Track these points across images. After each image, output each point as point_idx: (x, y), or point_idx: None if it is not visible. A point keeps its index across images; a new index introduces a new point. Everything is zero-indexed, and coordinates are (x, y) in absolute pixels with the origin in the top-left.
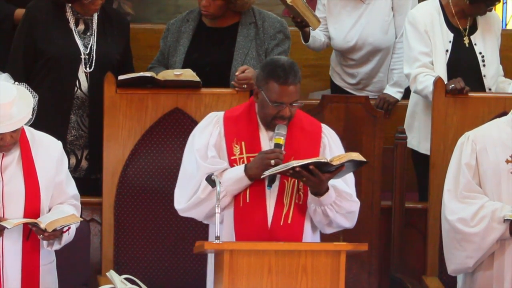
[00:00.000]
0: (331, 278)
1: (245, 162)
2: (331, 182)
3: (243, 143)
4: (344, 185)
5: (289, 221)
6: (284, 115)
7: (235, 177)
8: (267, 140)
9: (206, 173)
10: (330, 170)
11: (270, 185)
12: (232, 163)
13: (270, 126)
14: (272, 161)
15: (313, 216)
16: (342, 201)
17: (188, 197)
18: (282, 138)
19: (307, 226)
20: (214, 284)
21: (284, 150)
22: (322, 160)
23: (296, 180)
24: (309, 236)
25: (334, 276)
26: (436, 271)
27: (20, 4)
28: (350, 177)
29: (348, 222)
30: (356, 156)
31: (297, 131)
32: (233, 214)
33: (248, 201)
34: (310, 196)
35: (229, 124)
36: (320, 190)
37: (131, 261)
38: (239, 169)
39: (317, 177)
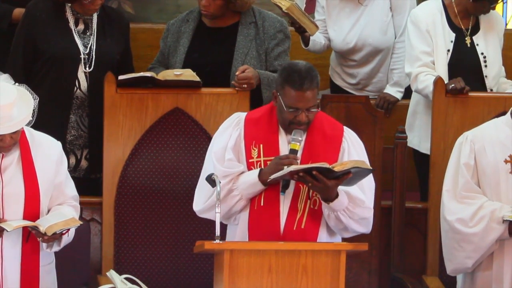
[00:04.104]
0: (331, 277)
1: (262, 166)
2: (344, 188)
3: (261, 146)
4: (358, 191)
5: (302, 226)
6: (300, 120)
7: (249, 181)
8: (286, 144)
9: (222, 176)
10: (336, 176)
11: (283, 190)
12: (249, 166)
13: (287, 130)
14: (285, 167)
15: (328, 220)
16: (355, 208)
17: (204, 199)
18: (298, 144)
19: (322, 231)
20: (214, 283)
21: (298, 156)
22: (324, 166)
23: (306, 185)
24: (325, 241)
25: (334, 276)
26: (436, 271)
27: (19, 4)
28: (367, 184)
29: (362, 227)
30: (361, 163)
31: (317, 135)
32: (248, 216)
33: (262, 204)
34: (322, 202)
35: (250, 126)
36: (328, 196)
37: (131, 260)
38: (254, 174)
39: (321, 182)
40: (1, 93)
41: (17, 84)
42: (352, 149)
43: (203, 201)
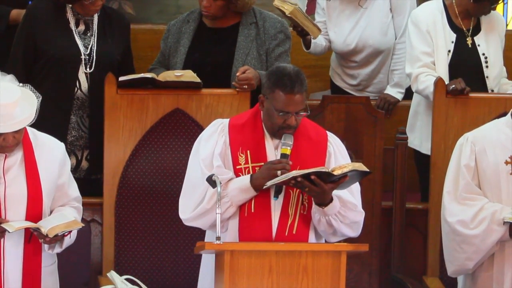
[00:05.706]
0: (332, 278)
1: (250, 172)
2: (336, 192)
3: (248, 152)
4: (349, 195)
5: (294, 232)
6: (290, 124)
7: (240, 187)
8: (272, 149)
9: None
10: (333, 180)
11: (276, 196)
12: (237, 173)
13: (276, 135)
14: (279, 172)
15: (317, 225)
16: (347, 211)
17: (193, 207)
18: (289, 148)
19: (311, 235)
20: (215, 284)
21: (290, 160)
22: (323, 170)
23: (301, 190)
24: None
25: (335, 277)
26: (437, 272)
27: (17, 5)
28: (355, 187)
29: (353, 231)
30: (359, 166)
31: (303, 140)
32: (238, 223)
33: (253, 211)
34: (315, 206)
35: (235, 132)
36: (324, 200)
37: (132, 261)
38: (245, 179)
39: (319, 187)
40: (4, 92)
41: (20, 84)
42: (338, 153)
43: (191, 209)
